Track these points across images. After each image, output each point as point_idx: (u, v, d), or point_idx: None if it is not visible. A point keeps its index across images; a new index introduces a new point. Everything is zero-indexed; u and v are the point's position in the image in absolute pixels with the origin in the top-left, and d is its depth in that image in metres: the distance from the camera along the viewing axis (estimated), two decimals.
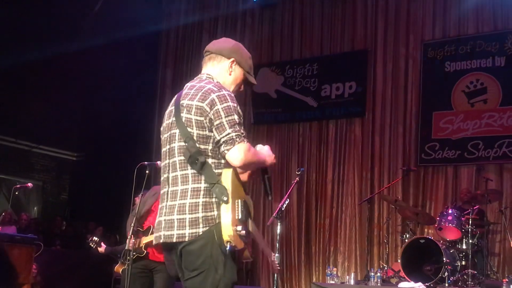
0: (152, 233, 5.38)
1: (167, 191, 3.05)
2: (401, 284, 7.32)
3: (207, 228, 2.89)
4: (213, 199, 2.93)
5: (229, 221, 2.86)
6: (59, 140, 13.49)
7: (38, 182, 13.45)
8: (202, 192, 2.93)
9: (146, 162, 5.46)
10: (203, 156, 2.93)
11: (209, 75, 3.18)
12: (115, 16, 10.83)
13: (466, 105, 9.39)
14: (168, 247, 3.07)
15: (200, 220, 2.90)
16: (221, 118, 2.92)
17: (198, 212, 2.91)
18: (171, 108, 3.15)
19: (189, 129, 2.97)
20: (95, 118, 12.12)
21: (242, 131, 2.94)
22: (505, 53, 9.16)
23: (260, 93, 10.97)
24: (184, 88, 3.14)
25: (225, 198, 2.88)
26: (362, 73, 10.28)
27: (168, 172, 3.07)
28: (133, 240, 5.32)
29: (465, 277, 7.31)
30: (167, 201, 3.04)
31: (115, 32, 10.99)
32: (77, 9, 10.51)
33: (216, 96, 2.97)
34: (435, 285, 7.23)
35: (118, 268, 5.95)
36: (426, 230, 9.01)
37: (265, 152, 3.17)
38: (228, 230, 2.85)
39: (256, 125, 10.91)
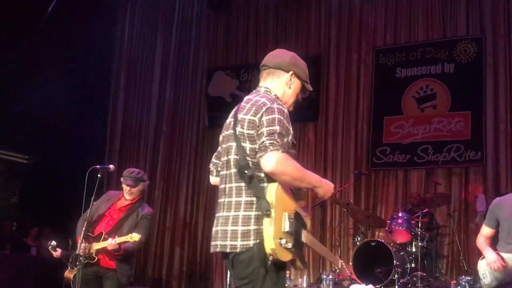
0: (104, 239, 5.33)
1: (224, 201, 3.12)
2: (353, 286, 7.38)
3: (258, 241, 2.94)
4: None
5: (271, 235, 2.87)
6: (9, 142, 13.20)
7: None
8: (254, 206, 2.98)
9: (98, 166, 5.43)
10: (250, 170, 2.98)
11: (267, 88, 3.26)
12: (68, 19, 10.69)
13: (416, 110, 9.57)
14: (223, 256, 3.14)
15: (252, 233, 2.97)
16: (263, 128, 2.97)
17: (250, 225, 2.98)
18: (230, 119, 3.23)
19: (243, 144, 3.05)
20: (47, 120, 11.90)
21: (278, 141, 2.93)
22: (453, 60, 9.37)
23: (215, 96, 10.96)
24: (243, 101, 3.21)
25: (267, 212, 2.90)
26: (316, 78, 10.36)
27: (225, 183, 3.14)
28: (84, 245, 5.25)
29: (414, 279, 7.44)
30: (223, 211, 3.11)
31: (69, 35, 10.84)
32: (29, 11, 10.32)
33: (266, 108, 3.03)
34: (385, 287, 7.33)
35: (69, 274, 5.83)
36: (377, 233, 9.09)
37: (317, 178, 3.13)
38: (270, 244, 2.87)
39: (210, 128, 10.88)
